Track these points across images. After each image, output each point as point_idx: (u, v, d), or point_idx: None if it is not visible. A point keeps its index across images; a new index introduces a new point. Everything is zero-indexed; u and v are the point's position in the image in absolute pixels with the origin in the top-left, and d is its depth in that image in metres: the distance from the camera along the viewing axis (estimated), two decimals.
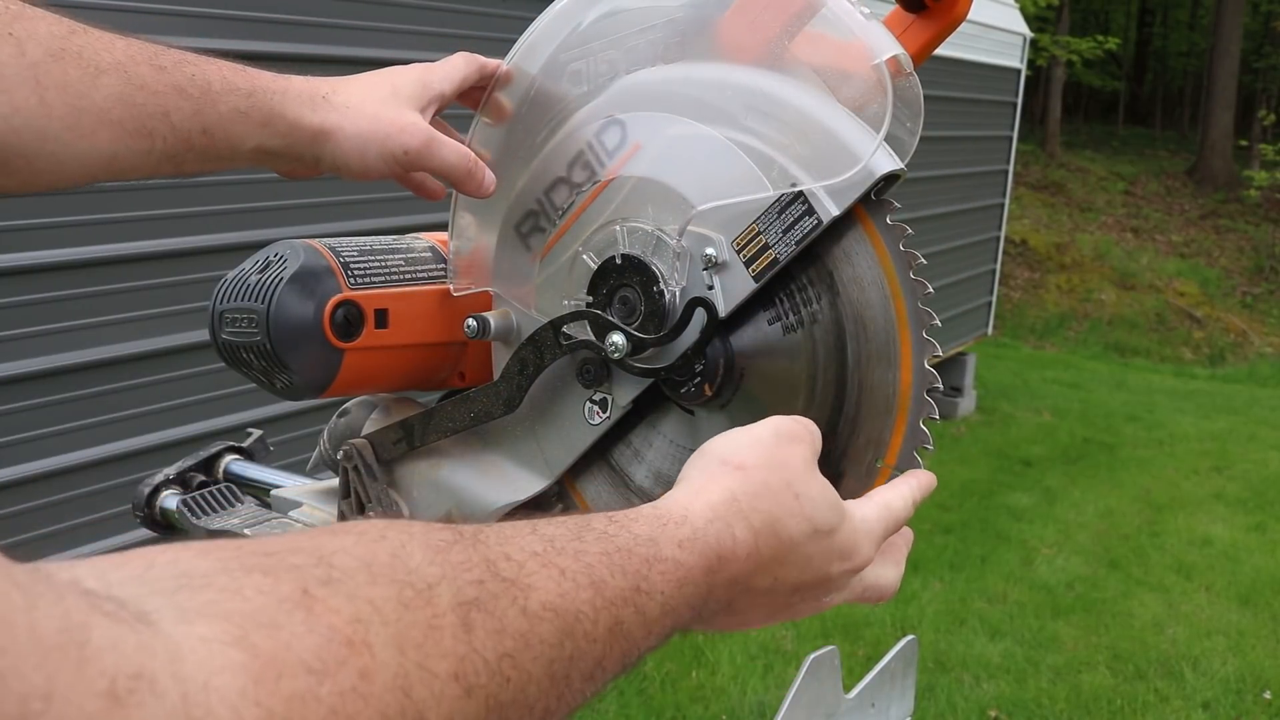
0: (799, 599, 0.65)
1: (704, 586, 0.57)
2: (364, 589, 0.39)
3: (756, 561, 0.60)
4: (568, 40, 0.86)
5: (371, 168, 0.83)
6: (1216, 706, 3.77)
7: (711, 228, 0.78)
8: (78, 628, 0.30)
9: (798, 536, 0.62)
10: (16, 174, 0.71)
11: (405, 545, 0.43)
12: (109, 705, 0.29)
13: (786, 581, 0.63)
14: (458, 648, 0.41)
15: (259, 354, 0.87)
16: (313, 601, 0.37)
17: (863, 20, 0.76)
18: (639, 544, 0.54)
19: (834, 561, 0.65)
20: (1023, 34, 7.60)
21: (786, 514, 0.62)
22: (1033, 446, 6.79)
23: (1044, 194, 16.12)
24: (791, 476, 0.63)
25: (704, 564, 0.57)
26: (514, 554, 0.47)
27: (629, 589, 0.51)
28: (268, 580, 0.37)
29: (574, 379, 0.85)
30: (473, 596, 0.43)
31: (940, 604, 4.35)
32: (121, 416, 2.67)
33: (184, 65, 0.77)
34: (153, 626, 0.32)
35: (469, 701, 0.41)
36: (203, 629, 0.33)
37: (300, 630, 0.36)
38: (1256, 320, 12.79)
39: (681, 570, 0.55)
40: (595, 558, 0.51)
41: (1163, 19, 25.58)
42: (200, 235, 2.77)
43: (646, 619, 0.52)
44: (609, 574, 0.50)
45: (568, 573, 0.48)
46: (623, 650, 0.51)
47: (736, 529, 0.59)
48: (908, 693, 1.10)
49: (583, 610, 0.48)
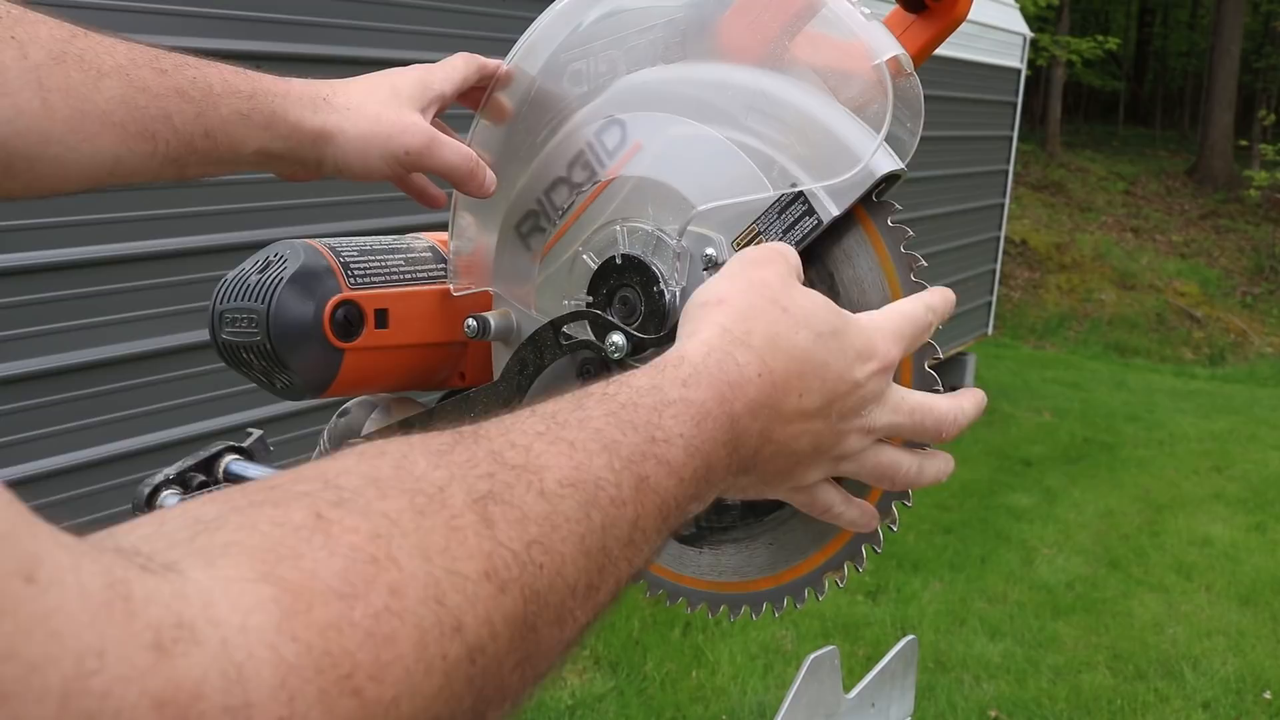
0: (840, 419, 0.61)
1: (724, 419, 0.54)
2: (376, 503, 0.38)
3: (771, 381, 0.58)
4: (568, 40, 0.86)
5: (373, 169, 0.83)
6: (1216, 706, 3.77)
7: (711, 228, 0.78)
8: (120, 583, 0.30)
9: (803, 344, 0.60)
10: (19, 177, 0.71)
11: (407, 455, 0.42)
12: (157, 657, 0.29)
13: (814, 395, 0.59)
14: (483, 545, 0.40)
15: (259, 354, 0.87)
16: (328, 524, 0.36)
17: (863, 20, 0.76)
18: (642, 395, 0.52)
19: (854, 363, 0.62)
20: (1023, 34, 7.60)
21: (782, 327, 0.60)
22: (1033, 446, 6.79)
23: (1044, 194, 16.12)
24: (773, 294, 0.62)
25: (715, 395, 0.54)
26: (518, 440, 0.46)
27: (644, 442, 0.49)
28: (279, 511, 0.36)
29: (574, 379, 0.85)
30: (486, 490, 0.42)
31: (940, 604, 4.35)
32: (121, 416, 2.67)
33: (185, 68, 0.77)
34: (182, 574, 0.32)
35: (505, 597, 0.40)
36: (228, 570, 0.33)
37: (322, 555, 0.35)
38: (1256, 320, 12.79)
39: (693, 408, 0.53)
40: (601, 421, 0.49)
41: (1163, 19, 25.58)
42: (200, 235, 2.77)
43: (673, 466, 0.50)
44: (620, 433, 0.49)
45: (577, 444, 0.47)
46: (657, 505, 0.49)
47: (737, 354, 0.57)
48: (908, 693, 1.10)
49: (602, 477, 0.46)
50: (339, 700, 0.33)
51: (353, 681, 0.33)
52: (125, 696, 0.28)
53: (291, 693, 0.32)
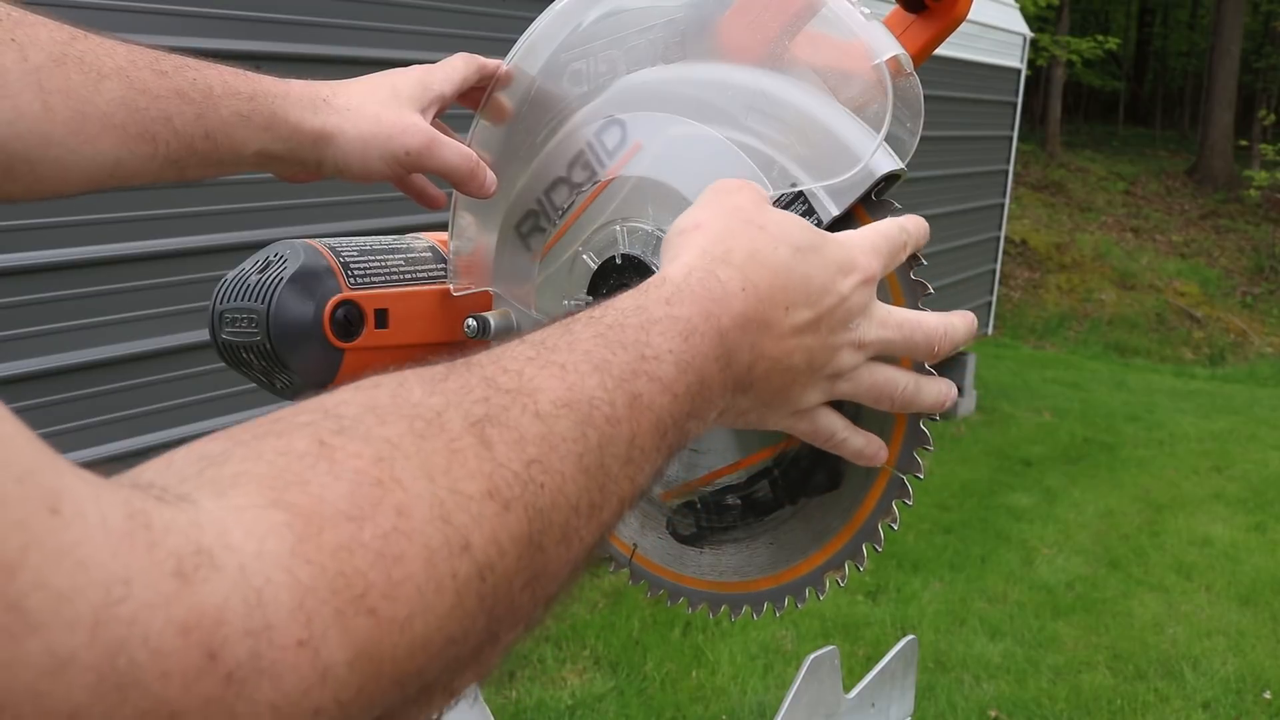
0: (830, 332, 0.62)
1: (712, 334, 0.55)
2: (376, 429, 0.39)
3: (755, 295, 0.58)
4: (568, 40, 0.86)
5: (373, 170, 0.83)
6: (1216, 706, 3.77)
7: None
8: (140, 513, 0.31)
9: (784, 258, 0.60)
10: (20, 180, 0.71)
11: (403, 384, 0.43)
12: (180, 584, 0.30)
13: (800, 308, 0.60)
14: (483, 465, 0.41)
15: (259, 354, 0.87)
16: (332, 450, 0.37)
17: (863, 20, 0.76)
18: (628, 315, 0.53)
19: (835, 275, 0.62)
20: (1023, 34, 7.60)
21: (761, 244, 0.60)
22: (1033, 446, 6.79)
23: (1044, 194, 16.12)
24: (748, 215, 0.62)
25: (700, 310, 0.55)
26: (509, 365, 0.47)
27: (634, 359, 0.50)
28: (282, 441, 0.37)
29: None
30: (482, 414, 0.42)
31: (940, 604, 4.35)
32: (121, 416, 2.67)
33: (185, 70, 0.77)
34: (196, 504, 0.33)
35: (509, 515, 0.40)
36: (238, 499, 0.34)
37: (328, 480, 0.36)
38: (1256, 320, 12.79)
39: (680, 323, 0.53)
40: (590, 343, 0.50)
41: (1163, 19, 25.59)
42: (200, 235, 2.77)
43: (665, 383, 0.51)
44: (609, 353, 0.49)
45: (568, 366, 0.48)
46: (653, 422, 0.50)
47: (719, 271, 0.58)
48: (908, 693, 1.10)
49: (595, 395, 0.47)
50: (354, 620, 0.34)
51: (367, 601, 0.34)
52: (152, 623, 0.29)
53: (309, 614, 0.33)
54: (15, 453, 0.29)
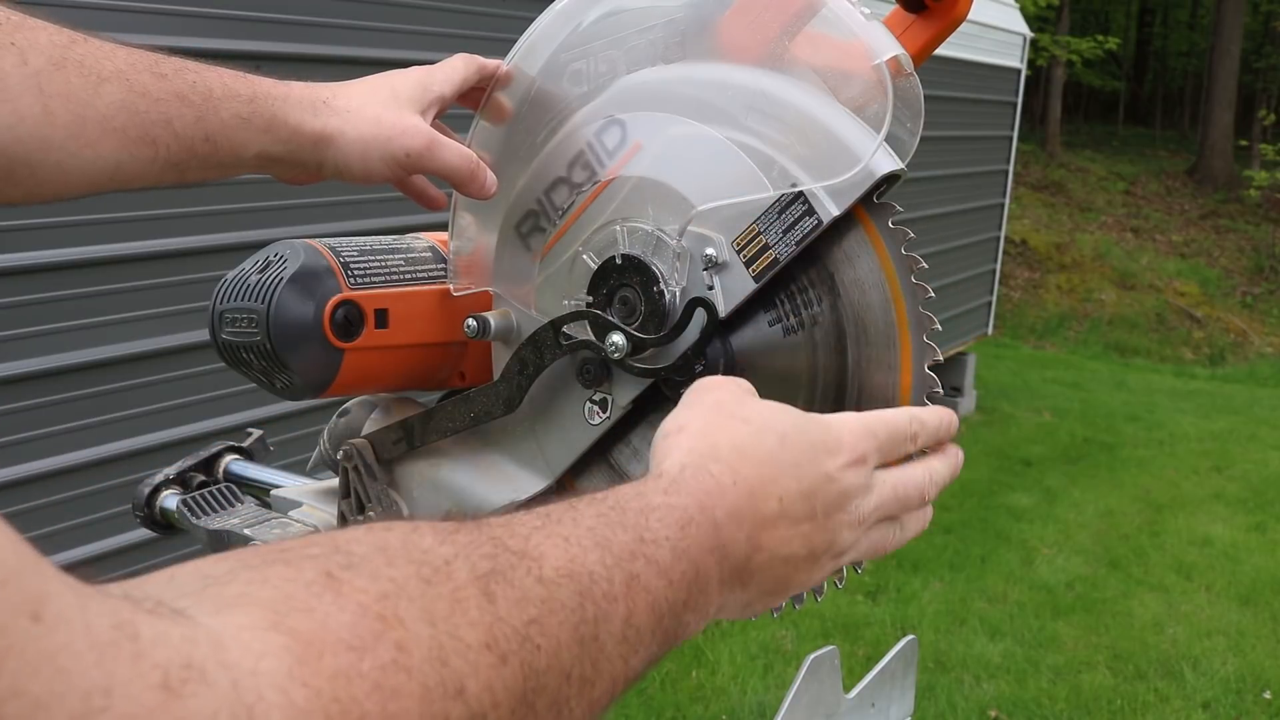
0: (825, 515, 0.61)
1: (708, 525, 0.55)
2: (384, 569, 0.40)
3: (747, 488, 0.58)
4: (568, 40, 0.86)
5: (374, 171, 0.83)
6: (1216, 706, 3.77)
7: (711, 228, 0.78)
8: (128, 624, 0.30)
9: (770, 448, 0.60)
10: (21, 184, 0.71)
11: (414, 531, 0.44)
12: (165, 697, 0.30)
13: (793, 497, 0.60)
14: (484, 617, 0.41)
15: (259, 354, 0.87)
16: (339, 583, 0.37)
17: (863, 20, 0.76)
18: (628, 500, 0.54)
19: (822, 458, 0.62)
20: (1023, 34, 7.60)
21: (744, 437, 0.61)
22: (1033, 446, 6.79)
23: (1044, 194, 16.12)
24: (729, 410, 0.63)
25: (695, 502, 0.56)
26: (517, 529, 0.48)
27: (633, 541, 0.51)
28: (290, 569, 0.38)
29: (574, 379, 0.85)
30: (488, 569, 0.43)
31: (940, 604, 4.35)
32: (121, 416, 2.67)
33: (184, 73, 0.77)
34: (192, 620, 0.33)
35: (505, 668, 0.41)
36: (239, 618, 0.34)
37: (332, 609, 0.36)
38: (1256, 320, 12.79)
39: (676, 512, 0.54)
40: (593, 520, 0.51)
41: (1163, 19, 25.58)
42: (200, 235, 2.77)
43: (661, 567, 0.51)
44: (610, 532, 0.50)
45: (571, 538, 0.49)
46: (649, 604, 0.50)
47: (710, 466, 0.58)
48: (908, 693, 1.10)
49: (595, 570, 0.48)
50: None
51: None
52: None
53: None
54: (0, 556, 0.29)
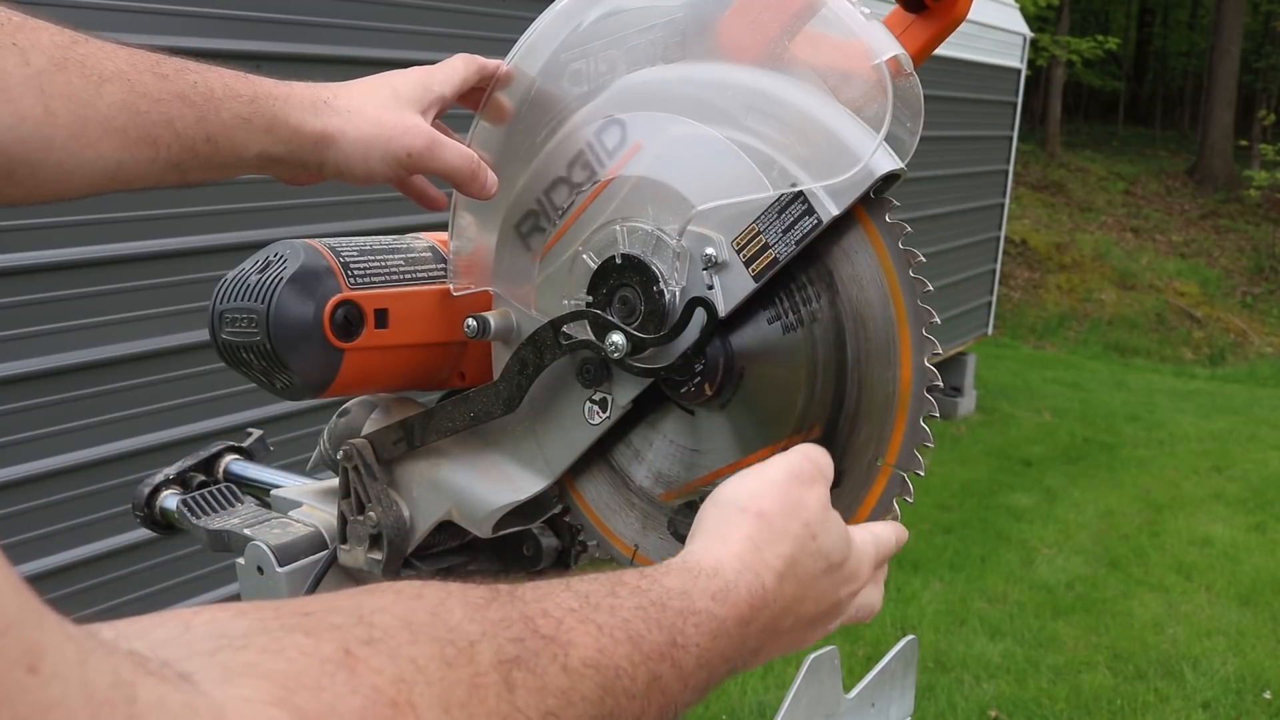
0: (812, 630, 0.67)
1: (738, 638, 0.57)
2: (406, 648, 0.39)
3: (783, 605, 0.62)
4: (568, 40, 0.86)
5: (375, 171, 0.83)
6: (1216, 706, 3.77)
7: (711, 227, 0.78)
8: (126, 684, 0.30)
9: (815, 573, 0.64)
10: (22, 184, 0.71)
11: (444, 603, 0.43)
12: None
13: (805, 617, 0.65)
14: (501, 707, 0.41)
15: (259, 354, 0.87)
16: (355, 661, 0.37)
17: (863, 20, 0.76)
18: (672, 598, 0.54)
19: (841, 588, 0.67)
20: (1023, 34, 7.60)
21: (805, 555, 0.63)
22: (1033, 446, 6.79)
23: (1044, 194, 16.12)
24: (809, 518, 0.65)
25: (737, 615, 0.57)
26: (551, 610, 0.47)
27: (665, 643, 0.52)
28: (309, 640, 0.37)
29: (574, 379, 0.85)
30: (514, 655, 0.43)
31: (940, 604, 4.35)
32: (121, 416, 2.67)
33: (185, 73, 0.77)
34: (196, 687, 0.32)
35: None
36: (245, 689, 0.33)
37: (344, 691, 0.35)
38: (1256, 320, 12.79)
39: (715, 622, 0.56)
40: (630, 612, 0.51)
41: (1163, 19, 25.58)
42: (200, 235, 2.77)
43: (683, 673, 0.52)
44: (645, 629, 0.51)
45: (605, 628, 0.48)
46: (660, 706, 0.51)
47: (765, 578, 0.60)
48: (908, 693, 1.10)
49: (621, 666, 0.48)
50: None
51: None
52: None
53: None
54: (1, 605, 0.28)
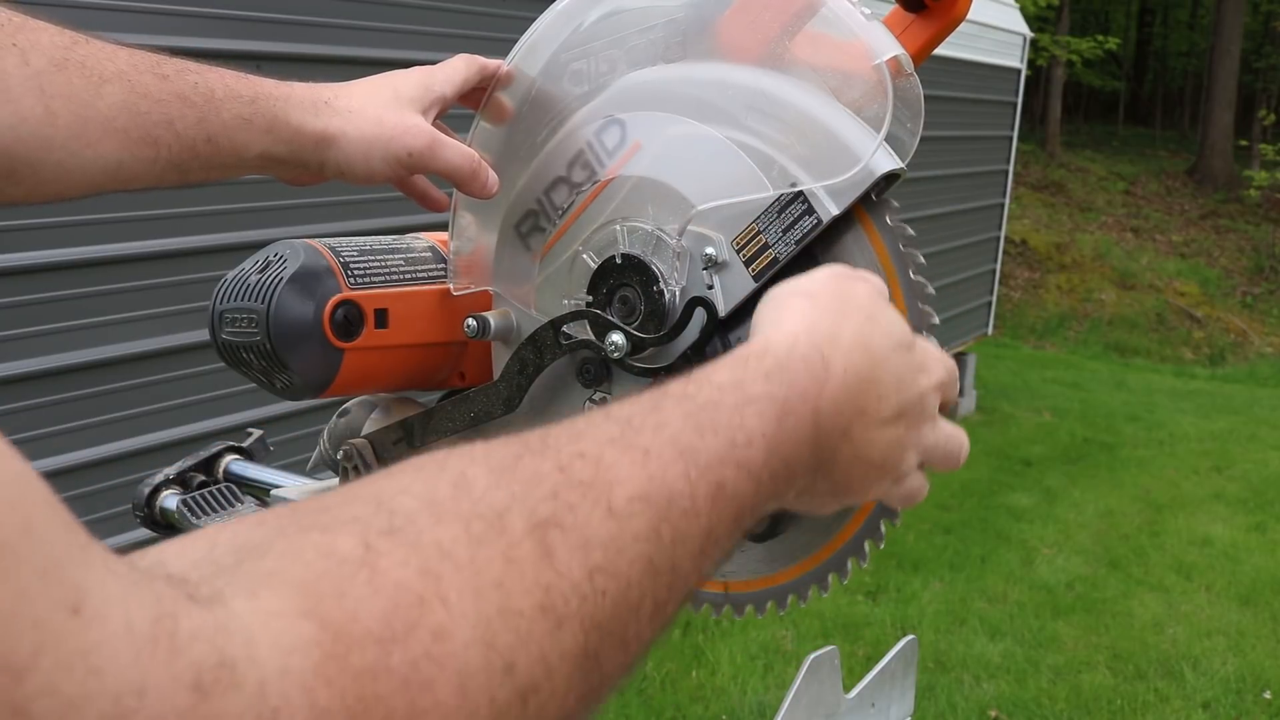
0: (909, 428, 0.60)
1: (808, 415, 0.52)
2: (429, 532, 0.37)
3: (856, 377, 0.56)
4: (569, 40, 0.86)
5: (376, 171, 0.83)
6: (1216, 706, 3.77)
7: (711, 227, 0.79)
8: (168, 617, 0.30)
9: (884, 349, 0.58)
10: (22, 184, 0.71)
11: (466, 472, 0.40)
12: (196, 699, 0.29)
13: (890, 401, 0.58)
14: (540, 577, 0.38)
15: (259, 354, 0.87)
16: (376, 557, 0.35)
17: (863, 20, 0.76)
18: (724, 393, 0.50)
19: (919, 375, 0.61)
20: (1023, 34, 7.60)
21: (868, 333, 0.58)
22: (1033, 446, 6.79)
23: (1044, 194, 16.12)
24: (861, 303, 0.60)
25: (799, 391, 0.52)
26: (588, 449, 0.43)
27: (724, 446, 0.47)
28: (326, 539, 0.35)
29: (574, 379, 0.85)
30: (548, 514, 0.40)
31: (940, 604, 4.35)
32: (121, 416, 2.67)
33: (186, 74, 0.77)
34: (227, 606, 0.32)
35: (561, 633, 0.38)
36: (270, 602, 0.33)
37: (365, 594, 0.34)
38: (1256, 320, 12.79)
39: (777, 404, 0.50)
40: (679, 424, 0.46)
41: (1163, 19, 25.58)
42: (200, 235, 2.77)
43: (752, 470, 0.48)
44: (698, 437, 0.46)
45: (651, 451, 0.44)
46: (733, 513, 0.47)
47: (824, 348, 0.55)
48: (908, 693, 1.10)
49: (676, 488, 0.44)
50: None
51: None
52: None
53: None
54: (46, 545, 0.28)
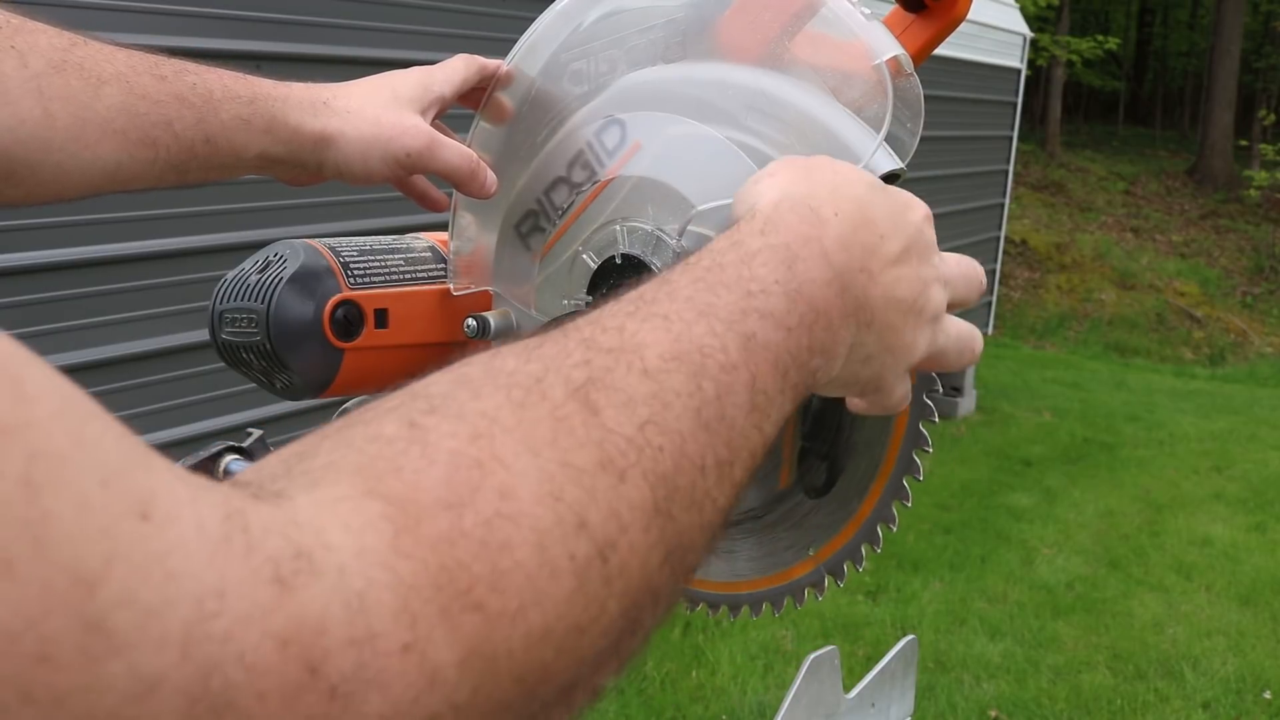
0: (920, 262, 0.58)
1: (817, 257, 0.51)
2: (470, 404, 0.36)
3: (849, 219, 0.54)
4: (569, 40, 0.86)
5: (374, 172, 0.83)
6: (1216, 706, 3.77)
7: (712, 228, 0.78)
8: (238, 514, 0.29)
9: (862, 191, 0.57)
10: (21, 185, 0.71)
11: (494, 356, 0.41)
12: (278, 593, 0.28)
13: (891, 238, 0.56)
14: (592, 433, 0.37)
15: (259, 354, 0.88)
16: (424, 431, 0.35)
17: (863, 20, 0.76)
18: (724, 254, 0.49)
19: (905, 211, 0.59)
20: (1023, 34, 7.60)
21: (839, 179, 0.58)
22: (1033, 446, 6.79)
23: (1044, 194, 16.12)
24: (823, 163, 0.61)
25: (798, 235, 0.51)
26: (609, 323, 0.43)
27: (740, 298, 0.46)
28: (370, 428, 0.35)
29: None
30: (584, 378, 0.39)
31: (940, 604, 4.35)
32: (122, 416, 2.66)
33: (184, 74, 0.77)
34: (292, 502, 0.31)
35: (626, 486, 0.37)
36: (332, 490, 0.32)
37: (421, 465, 0.34)
38: (1256, 320, 12.80)
39: (780, 251, 0.50)
40: (690, 289, 0.46)
41: (1163, 19, 25.59)
42: (200, 235, 2.77)
43: (777, 317, 0.47)
44: (712, 295, 0.46)
45: (671, 315, 0.44)
46: (772, 361, 0.46)
47: (809, 201, 0.54)
48: (908, 693, 1.10)
49: (705, 342, 0.43)
50: (461, 617, 0.32)
51: (473, 595, 0.32)
52: (247, 638, 0.27)
53: (413, 615, 0.31)
54: (102, 454, 0.28)
